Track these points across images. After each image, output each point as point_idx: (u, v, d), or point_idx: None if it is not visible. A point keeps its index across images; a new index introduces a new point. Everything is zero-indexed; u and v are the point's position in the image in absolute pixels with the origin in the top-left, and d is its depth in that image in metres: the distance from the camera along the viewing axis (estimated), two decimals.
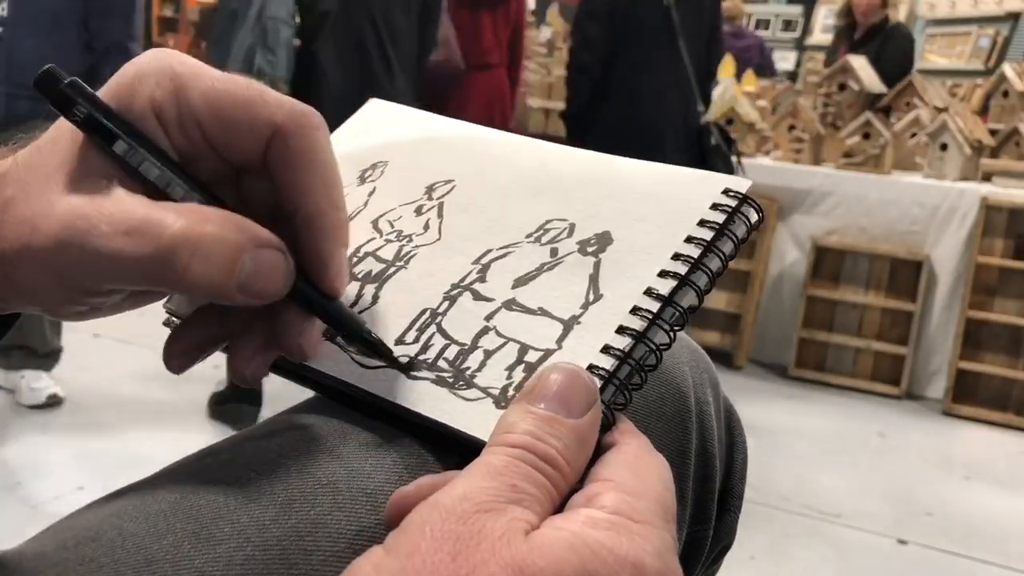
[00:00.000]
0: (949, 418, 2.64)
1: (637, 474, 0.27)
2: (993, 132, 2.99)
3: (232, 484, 0.31)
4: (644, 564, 0.24)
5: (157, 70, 0.30)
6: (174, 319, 0.38)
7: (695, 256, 0.33)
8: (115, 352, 2.56)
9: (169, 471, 0.34)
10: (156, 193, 0.30)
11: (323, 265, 0.32)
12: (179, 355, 0.34)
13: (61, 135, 0.30)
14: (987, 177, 2.82)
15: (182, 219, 0.28)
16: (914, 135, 3.06)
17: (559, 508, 0.26)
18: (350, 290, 0.36)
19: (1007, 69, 3.23)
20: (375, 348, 0.34)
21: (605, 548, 0.24)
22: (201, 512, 0.30)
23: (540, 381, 0.28)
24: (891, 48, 4.44)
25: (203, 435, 2.07)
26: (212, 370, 2.33)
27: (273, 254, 0.30)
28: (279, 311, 0.32)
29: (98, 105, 0.29)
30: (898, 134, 3.01)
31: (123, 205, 0.29)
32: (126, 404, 2.22)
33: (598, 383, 0.30)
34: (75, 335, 2.59)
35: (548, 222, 0.37)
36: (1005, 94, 3.19)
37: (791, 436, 2.38)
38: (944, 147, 2.81)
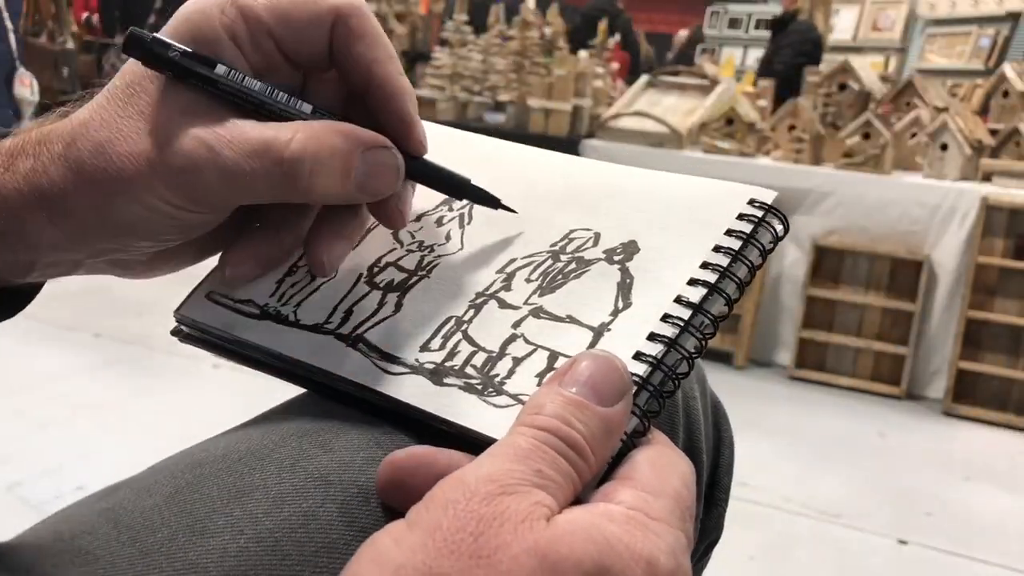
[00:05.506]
0: (949, 418, 2.64)
1: (657, 472, 0.27)
2: (993, 132, 2.99)
3: (225, 478, 0.32)
4: (658, 561, 0.24)
5: (215, 1, 0.32)
6: (183, 327, 0.39)
7: (724, 265, 0.33)
8: (116, 353, 2.57)
9: (163, 466, 0.34)
10: (255, 115, 0.32)
11: (407, 127, 0.35)
12: (236, 263, 0.36)
13: (137, 80, 0.32)
14: (987, 177, 2.81)
15: (295, 137, 0.31)
16: (914, 135, 3.06)
17: (579, 496, 0.26)
18: (372, 297, 0.36)
19: (1007, 69, 3.23)
20: (476, 194, 0.37)
21: (621, 543, 0.24)
22: (195, 506, 0.30)
23: (574, 365, 0.28)
24: (784, 42, 4.47)
25: (203, 436, 2.07)
26: (212, 370, 2.34)
27: (382, 153, 0.33)
28: None
29: (186, 54, 0.31)
30: (898, 134, 3.01)
31: (239, 130, 0.31)
32: (126, 404, 2.22)
33: (633, 387, 0.30)
34: (76, 335, 2.60)
35: (572, 232, 0.37)
36: (1005, 94, 3.19)
37: (791, 436, 2.37)
38: (944, 147, 2.80)
